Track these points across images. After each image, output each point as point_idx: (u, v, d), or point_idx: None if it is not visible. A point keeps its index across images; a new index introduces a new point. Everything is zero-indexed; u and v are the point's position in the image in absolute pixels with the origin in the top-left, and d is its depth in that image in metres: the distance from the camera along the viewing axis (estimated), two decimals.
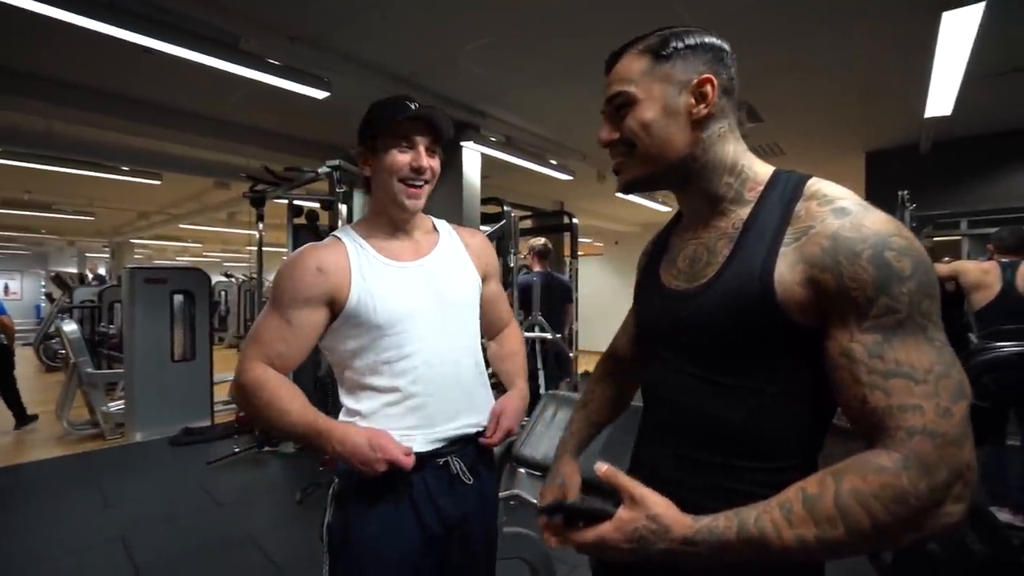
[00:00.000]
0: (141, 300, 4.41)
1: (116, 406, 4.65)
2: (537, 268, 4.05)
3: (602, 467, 0.60)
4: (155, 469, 3.66)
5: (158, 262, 14.29)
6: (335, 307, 0.96)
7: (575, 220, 4.81)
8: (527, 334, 3.72)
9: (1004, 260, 2.84)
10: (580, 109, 3.70)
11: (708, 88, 0.66)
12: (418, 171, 0.98)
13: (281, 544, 2.55)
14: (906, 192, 3.62)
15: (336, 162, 3.16)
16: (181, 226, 8.95)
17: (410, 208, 1.01)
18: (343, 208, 3.28)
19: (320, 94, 2.93)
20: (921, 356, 0.52)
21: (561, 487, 0.84)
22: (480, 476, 1.05)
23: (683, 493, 0.62)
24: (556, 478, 0.86)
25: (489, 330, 1.25)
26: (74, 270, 12.22)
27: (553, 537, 0.64)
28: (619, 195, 0.75)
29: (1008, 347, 1.89)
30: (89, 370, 4.56)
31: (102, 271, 11.77)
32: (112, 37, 2.22)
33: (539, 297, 3.89)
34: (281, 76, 2.69)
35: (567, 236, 5.20)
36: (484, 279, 1.15)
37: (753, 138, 4.42)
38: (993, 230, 3.06)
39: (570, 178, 5.09)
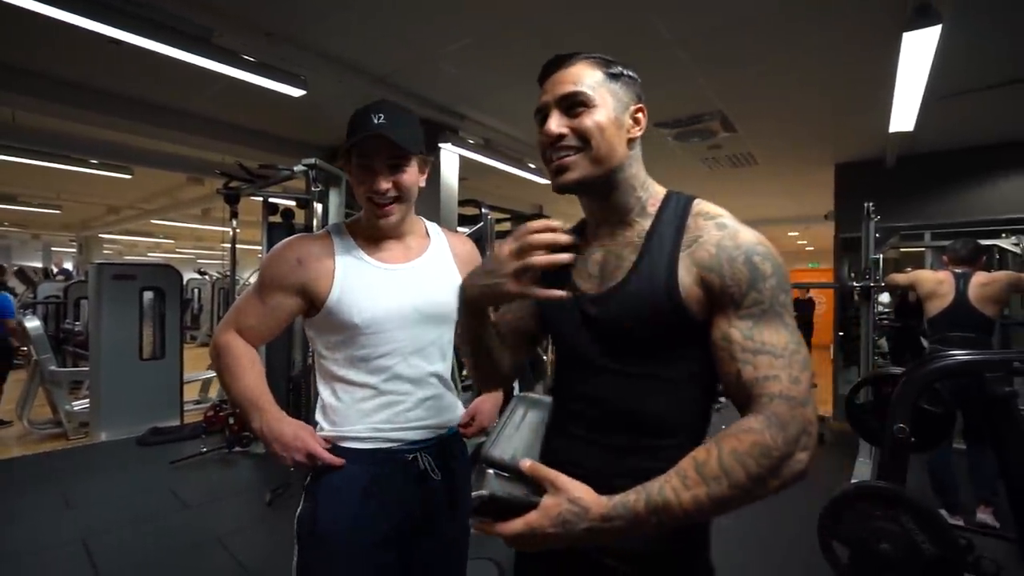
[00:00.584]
0: (109, 297, 4.30)
1: (80, 405, 4.52)
2: None
3: (526, 463, 0.66)
4: (120, 469, 3.57)
5: (129, 258, 13.90)
6: (315, 300, 1.00)
7: None
8: None
9: (958, 271, 2.95)
10: None
11: (641, 115, 0.77)
12: (377, 193, 0.99)
13: (250, 546, 2.51)
14: (871, 204, 3.75)
15: (312, 161, 3.13)
16: (153, 221, 8.75)
17: (381, 226, 1.03)
18: (319, 207, 3.25)
19: (296, 92, 2.91)
20: (779, 337, 0.65)
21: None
22: (452, 474, 1.08)
23: (599, 477, 0.68)
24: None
25: None
26: (39, 264, 11.80)
27: (485, 527, 0.67)
28: (556, 191, 0.78)
29: (959, 355, 1.97)
30: (52, 368, 4.42)
31: (68, 265, 11.39)
32: (80, 27, 2.17)
33: None
34: (256, 73, 2.66)
35: None
36: None
37: (727, 147, 4.52)
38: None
39: (549, 182, 5.13)
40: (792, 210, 7.79)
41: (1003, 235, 4.23)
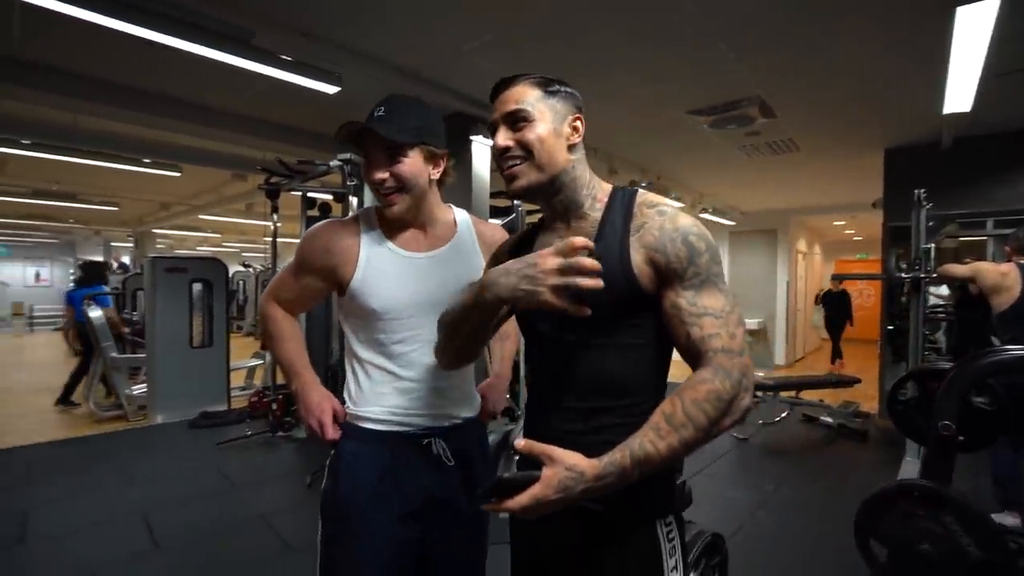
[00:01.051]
0: (162, 288, 4.56)
1: (139, 389, 4.83)
2: None
3: (520, 442, 0.74)
4: (174, 450, 3.81)
5: (179, 252, 14.64)
6: (340, 284, 1.06)
7: None
8: None
9: (1023, 261, 2.76)
10: (588, 103, 3.70)
11: (579, 124, 0.88)
12: (373, 183, 1.02)
13: (292, 524, 2.65)
14: (923, 191, 3.54)
15: (347, 156, 3.22)
16: (201, 217, 9.16)
17: (388, 213, 1.05)
18: (354, 201, 3.35)
19: (331, 89, 2.99)
20: (716, 301, 0.78)
21: None
22: (469, 460, 1.10)
23: (572, 438, 0.81)
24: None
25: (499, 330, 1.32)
26: (100, 258, 12.59)
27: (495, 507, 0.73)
28: (511, 197, 0.89)
29: (1014, 350, 1.86)
30: (114, 355, 4.74)
31: (126, 259, 12.10)
32: (133, 35, 2.29)
33: None
34: (293, 72, 2.75)
35: None
36: None
37: (766, 134, 4.36)
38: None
39: None
40: (837, 198, 7.42)
41: None
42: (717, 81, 3.29)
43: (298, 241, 1.25)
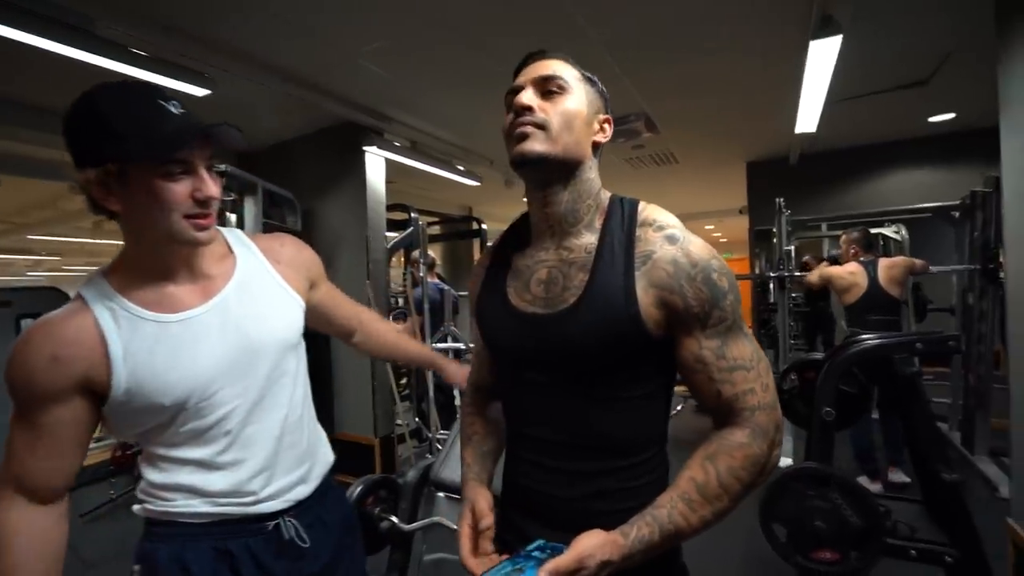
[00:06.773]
0: None
1: None
2: (431, 279, 3.97)
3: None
4: None
5: (1, 278, 12.15)
6: (97, 392, 0.77)
7: (484, 226, 4.80)
8: (440, 345, 3.63)
9: (864, 259, 3.25)
10: (485, 116, 3.68)
11: (607, 127, 0.80)
12: (205, 203, 0.77)
13: None
14: (782, 199, 4.03)
15: (223, 167, 2.85)
16: (30, 237, 7.68)
17: (203, 240, 0.79)
18: (232, 218, 2.97)
19: (200, 91, 2.62)
20: (744, 349, 0.70)
21: (475, 515, 0.84)
22: (326, 527, 0.92)
23: (564, 505, 0.73)
24: (468, 507, 0.85)
25: (346, 330, 1.15)
26: None
27: None
28: (513, 165, 0.74)
29: (871, 340, 2.15)
30: None
31: None
32: None
33: (450, 308, 3.82)
34: (151, 70, 2.34)
35: (476, 242, 5.17)
36: (312, 287, 1.01)
37: (650, 147, 4.69)
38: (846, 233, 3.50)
39: (477, 184, 5.07)
40: (709, 205, 8.28)
41: (886, 224, 4.72)
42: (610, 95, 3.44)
43: None
